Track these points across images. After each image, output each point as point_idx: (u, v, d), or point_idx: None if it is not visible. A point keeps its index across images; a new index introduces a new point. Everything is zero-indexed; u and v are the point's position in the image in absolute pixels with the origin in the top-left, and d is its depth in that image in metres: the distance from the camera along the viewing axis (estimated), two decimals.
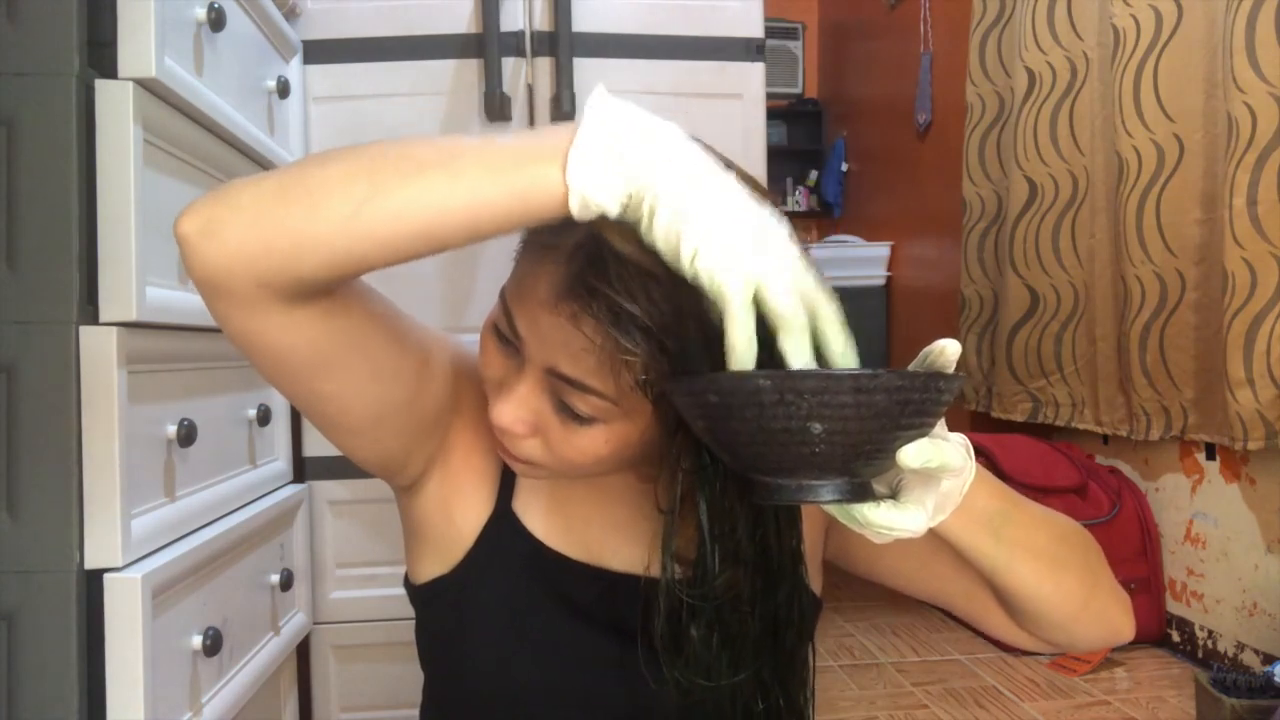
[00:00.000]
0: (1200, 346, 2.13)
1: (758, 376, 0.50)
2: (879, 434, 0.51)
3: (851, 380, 0.49)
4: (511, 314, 0.64)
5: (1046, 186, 2.59)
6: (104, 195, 0.89)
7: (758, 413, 0.50)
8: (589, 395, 0.62)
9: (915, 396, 0.51)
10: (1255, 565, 2.07)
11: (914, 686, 2.06)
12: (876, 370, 0.50)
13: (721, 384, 0.52)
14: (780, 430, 0.51)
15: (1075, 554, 0.69)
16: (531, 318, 0.62)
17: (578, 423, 0.64)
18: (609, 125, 0.53)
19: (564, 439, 0.65)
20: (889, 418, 0.51)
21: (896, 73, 3.86)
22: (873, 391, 0.50)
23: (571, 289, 0.60)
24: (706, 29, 1.62)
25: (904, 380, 0.50)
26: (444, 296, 1.58)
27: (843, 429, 0.50)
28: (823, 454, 0.51)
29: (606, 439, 0.64)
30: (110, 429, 0.87)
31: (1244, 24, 1.87)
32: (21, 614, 0.85)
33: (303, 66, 1.53)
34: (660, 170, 0.52)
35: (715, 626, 0.68)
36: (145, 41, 0.90)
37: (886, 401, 0.50)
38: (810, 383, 0.49)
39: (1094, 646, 0.73)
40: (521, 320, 0.63)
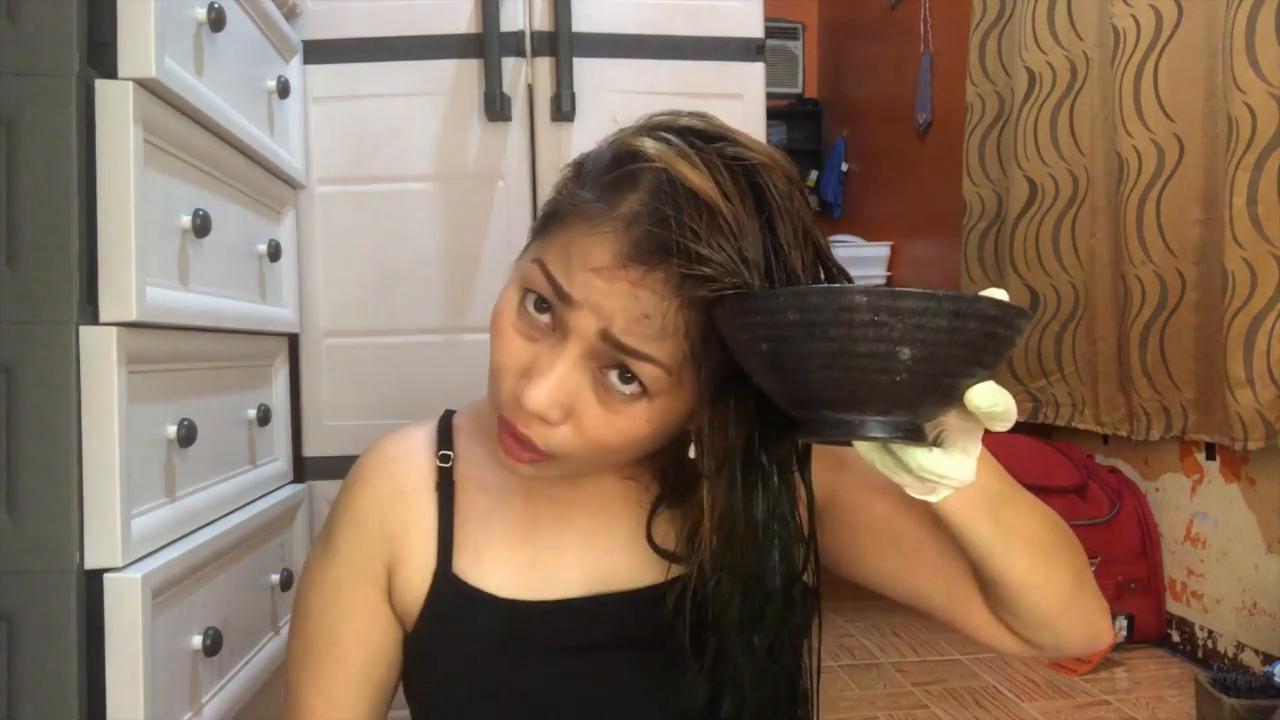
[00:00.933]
0: (1200, 346, 2.13)
1: (852, 291, 0.47)
2: (960, 365, 0.49)
3: (952, 302, 0.46)
4: (556, 278, 0.61)
5: (1046, 186, 2.59)
6: (104, 195, 0.88)
7: (845, 332, 0.47)
8: (644, 363, 0.60)
9: (1001, 330, 0.49)
10: (1255, 565, 2.07)
11: (914, 686, 2.06)
12: (976, 294, 0.47)
13: (809, 299, 0.48)
14: (865, 354, 0.47)
15: (1065, 548, 0.67)
16: (585, 283, 0.60)
17: (621, 400, 0.62)
18: None
19: (603, 421, 0.62)
20: (974, 349, 0.48)
21: (896, 73, 3.86)
22: (969, 317, 0.47)
23: (637, 252, 0.58)
24: (706, 29, 1.62)
25: (998, 310, 0.48)
26: (444, 296, 1.58)
27: (930, 355, 0.47)
28: (903, 384, 0.48)
29: (649, 417, 0.62)
30: (110, 429, 0.87)
31: (1244, 24, 1.87)
32: (21, 614, 0.85)
33: (303, 66, 1.53)
34: None
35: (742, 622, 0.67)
36: (145, 41, 0.90)
37: (978, 330, 0.48)
38: (909, 302, 0.46)
39: (1075, 649, 0.70)
40: (573, 285, 0.60)
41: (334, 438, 1.54)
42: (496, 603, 0.72)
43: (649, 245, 0.58)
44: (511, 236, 1.57)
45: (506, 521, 0.75)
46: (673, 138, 0.62)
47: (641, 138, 0.62)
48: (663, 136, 0.62)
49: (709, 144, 0.61)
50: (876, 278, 3.94)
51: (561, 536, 0.75)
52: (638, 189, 0.60)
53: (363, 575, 0.75)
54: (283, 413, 1.42)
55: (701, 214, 0.57)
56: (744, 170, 0.60)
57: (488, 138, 1.58)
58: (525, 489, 0.75)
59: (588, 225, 0.61)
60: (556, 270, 0.61)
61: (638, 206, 0.59)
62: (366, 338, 1.57)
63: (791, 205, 0.60)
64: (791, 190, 0.61)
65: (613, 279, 0.59)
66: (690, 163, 0.59)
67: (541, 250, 0.64)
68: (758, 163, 0.60)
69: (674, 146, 0.61)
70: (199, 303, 1.07)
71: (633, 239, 0.58)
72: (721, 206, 0.57)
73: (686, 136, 0.62)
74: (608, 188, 0.61)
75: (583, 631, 0.72)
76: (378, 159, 1.57)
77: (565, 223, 0.63)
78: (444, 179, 1.58)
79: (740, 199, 0.59)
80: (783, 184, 0.61)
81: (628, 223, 0.59)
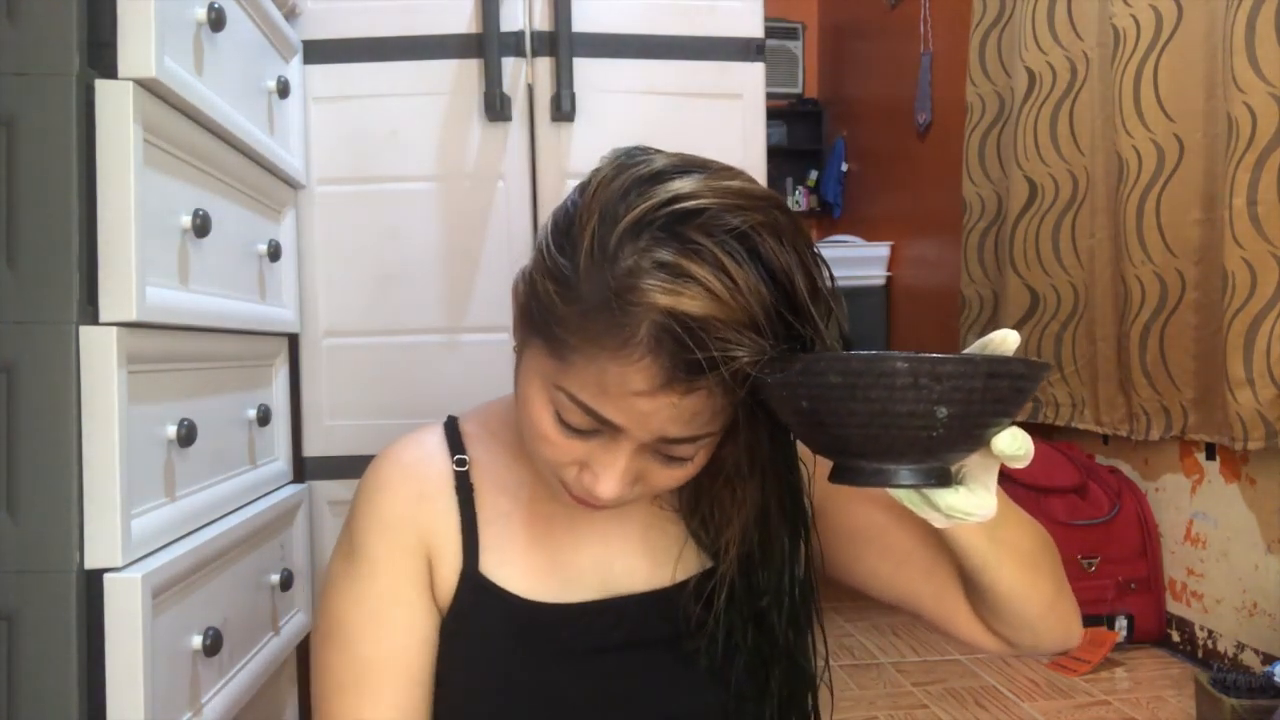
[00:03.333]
0: (1200, 346, 2.13)
1: (894, 359, 0.51)
2: (991, 418, 0.53)
3: (987, 365, 0.51)
4: (597, 411, 0.61)
5: (1046, 186, 2.59)
6: (104, 195, 0.88)
7: (885, 394, 0.51)
8: (700, 441, 0.63)
9: (1027, 385, 0.53)
10: (1255, 565, 2.07)
11: (914, 686, 2.06)
12: (1007, 357, 0.52)
13: (851, 364, 0.52)
14: (904, 414, 0.51)
15: (1047, 557, 0.71)
16: (628, 408, 0.60)
17: (680, 459, 0.65)
18: None
19: (667, 476, 0.66)
20: (1005, 403, 0.52)
21: (896, 73, 3.86)
22: (1002, 377, 0.51)
23: (674, 376, 0.58)
24: (706, 29, 1.62)
25: (1026, 369, 0.52)
26: (444, 296, 1.58)
27: (965, 412, 0.51)
28: (939, 438, 0.52)
29: (699, 461, 0.67)
30: (110, 429, 0.87)
31: (1244, 24, 1.87)
32: (21, 614, 0.85)
33: (303, 66, 1.53)
34: None
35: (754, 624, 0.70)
36: (145, 41, 0.90)
37: (1008, 388, 0.52)
38: (948, 367, 0.50)
39: (1051, 648, 0.74)
40: (616, 413, 0.61)
41: (334, 438, 1.54)
42: (519, 603, 0.73)
43: (683, 368, 0.58)
44: (511, 236, 1.57)
45: (525, 524, 0.76)
46: (660, 254, 0.58)
47: (628, 276, 0.58)
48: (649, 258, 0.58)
49: (694, 224, 0.58)
50: (876, 277, 3.94)
51: (577, 539, 0.76)
52: (644, 323, 0.58)
53: (408, 578, 0.74)
54: (283, 413, 1.42)
55: (716, 328, 0.57)
56: (737, 238, 0.58)
57: (488, 138, 1.58)
58: (541, 494, 0.76)
59: (611, 355, 0.59)
60: (590, 399, 0.61)
61: (658, 333, 0.58)
62: (366, 338, 1.57)
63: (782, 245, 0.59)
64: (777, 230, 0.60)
65: (655, 399, 0.59)
66: (685, 294, 0.57)
67: (564, 378, 0.62)
68: (747, 228, 0.59)
69: (664, 271, 0.57)
70: (199, 303, 1.07)
71: (664, 366, 0.58)
72: (732, 314, 0.57)
73: (671, 230, 0.58)
74: (616, 325, 0.58)
75: (599, 633, 0.73)
76: (378, 159, 1.57)
77: (583, 352, 0.60)
78: (444, 179, 1.58)
79: (745, 276, 0.57)
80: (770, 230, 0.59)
81: (653, 350, 0.58)
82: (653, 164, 0.62)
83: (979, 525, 0.63)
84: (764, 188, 0.63)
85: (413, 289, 1.57)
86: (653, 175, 0.61)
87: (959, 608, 0.74)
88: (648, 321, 0.57)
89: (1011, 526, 0.67)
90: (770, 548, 0.70)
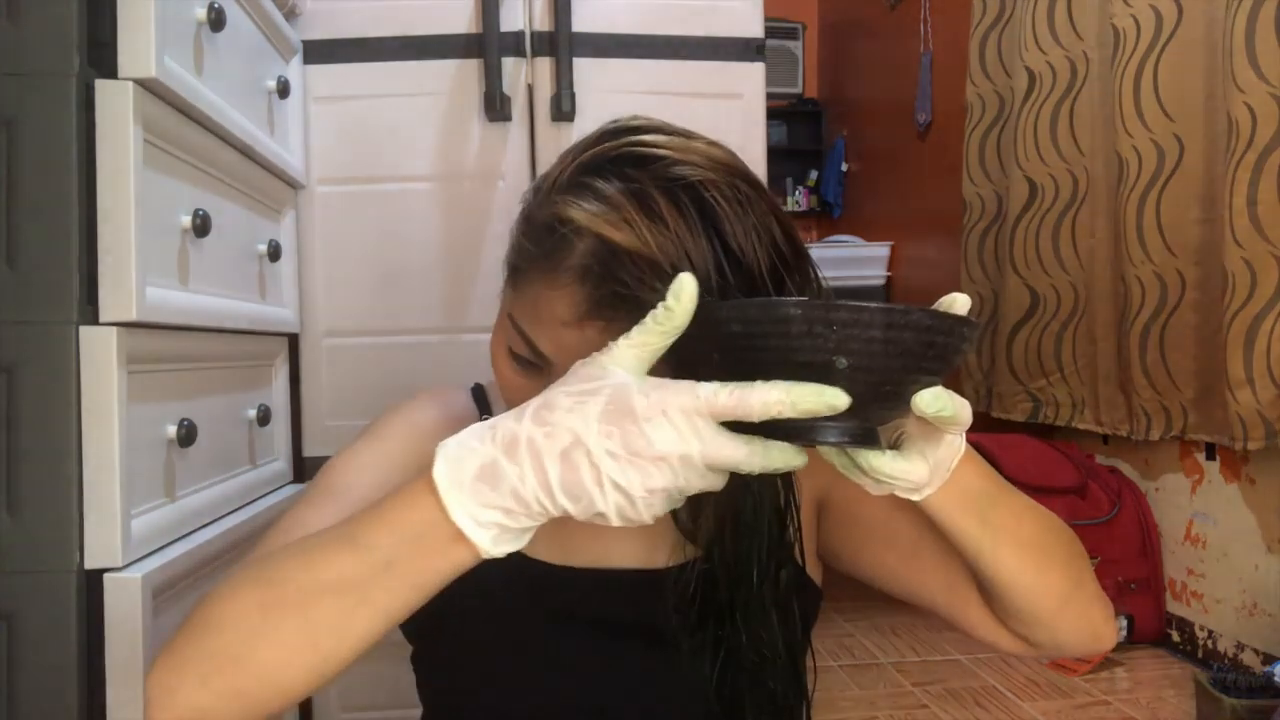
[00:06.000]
0: (1200, 346, 2.13)
1: (788, 305, 0.49)
2: (901, 374, 0.50)
3: (884, 314, 0.49)
4: (531, 339, 0.64)
5: (1046, 186, 2.59)
6: (104, 195, 0.88)
7: (783, 343, 0.49)
8: None
9: (940, 339, 0.50)
10: (1255, 565, 2.07)
11: (914, 686, 2.06)
12: (908, 306, 0.49)
13: (748, 312, 0.50)
14: (803, 364, 0.49)
15: (1060, 548, 0.68)
16: (555, 338, 0.63)
17: None
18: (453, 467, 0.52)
19: None
20: (913, 357, 0.50)
21: (896, 73, 3.86)
22: (903, 328, 0.49)
23: (595, 307, 0.60)
24: (706, 29, 1.62)
25: (933, 320, 0.50)
26: (444, 296, 1.58)
27: (868, 365, 0.49)
28: (849, 393, 0.50)
29: None
30: (110, 429, 0.87)
31: (1244, 24, 1.87)
32: (21, 614, 0.85)
33: (303, 66, 1.53)
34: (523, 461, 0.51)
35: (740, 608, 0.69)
36: (145, 41, 0.90)
37: (914, 340, 0.49)
38: (842, 314, 0.48)
39: (1077, 650, 0.71)
40: (545, 342, 0.63)
41: (334, 438, 1.54)
42: (526, 561, 0.73)
43: (603, 301, 0.60)
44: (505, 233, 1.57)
45: None
46: (601, 184, 0.61)
47: (568, 201, 0.62)
48: (590, 189, 0.61)
49: (644, 168, 0.61)
50: (876, 277, 3.94)
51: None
52: (576, 250, 0.61)
53: (412, 458, 0.74)
54: (283, 413, 1.42)
55: (639, 264, 0.58)
56: (683, 187, 0.60)
57: (488, 138, 1.58)
58: None
59: (546, 280, 0.62)
60: (528, 327, 0.64)
61: (584, 261, 0.60)
62: (366, 338, 1.57)
63: (741, 210, 0.60)
64: (734, 189, 0.61)
65: (579, 331, 0.61)
66: (614, 222, 0.59)
67: (513, 305, 0.66)
68: (695, 180, 0.60)
69: (600, 201, 0.60)
70: (199, 303, 1.07)
71: (587, 294, 0.60)
72: (662, 249, 0.58)
73: (620, 169, 0.61)
74: (552, 248, 0.62)
75: (595, 602, 0.73)
76: (378, 159, 1.57)
77: (527, 276, 0.65)
78: (444, 179, 1.58)
79: (682, 226, 0.59)
80: (727, 191, 0.61)
81: (579, 277, 0.60)
82: (632, 121, 0.65)
83: (968, 507, 0.62)
84: (737, 159, 0.64)
85: (413, 289, 1.57)
86: (626, 129, 0.65)
87: (970, 603, 0.72)
88: (579, 249, 0.60)
89: (1009, 512, 0.65)
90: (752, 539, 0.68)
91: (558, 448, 0.49)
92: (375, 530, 0.54)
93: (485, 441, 0.51)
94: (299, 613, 0.54)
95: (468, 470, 0.51)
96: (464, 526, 0.51)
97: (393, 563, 0.53)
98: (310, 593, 0.54)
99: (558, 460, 0.49)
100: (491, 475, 0.50)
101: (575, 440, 0.49)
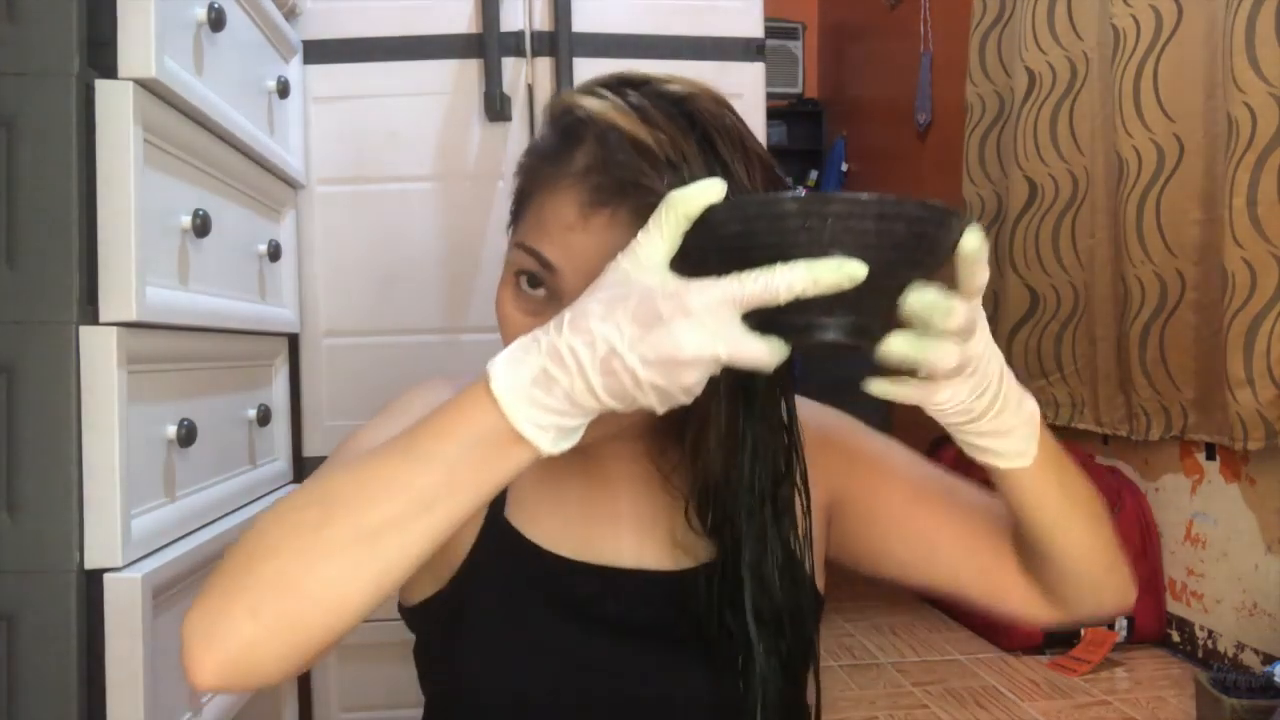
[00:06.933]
0: (1200, 346, 2.13)
1: (784, 199, 0.50)
2: (894, 266, 0.51)
3: (876, 205, 0.49)
4: (539, 251, 0.64)
5: (1046, 186, 2.59)
6: (104, 195, 0.89)
7: (779, 239, 0.50)
8: None
9: (931, 230, 0.51)
10: (1255, 565, 2.07)
11: (914, 686, 2.06)
12: (901, 197, 0.50)
13: (747, 209, 0.51)
14: (800, 259, 0.50)
15: (1105, 509, 0.69)
16: (563, 245, 0.63)
17: None
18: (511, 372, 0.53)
19: None
20: (906, 249, 0.51)
21: (896, 73, 3.86)
22: (895, 219, 0.50)
23: (599, 196, 0.61)
24: (706, 29, 1.62)
25: (925, 211, 0.51)
26: (444, 296, 1.58)
27: (861, 258, 0.49)
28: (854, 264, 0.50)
29: None
30: (110, 429, 0.87)
31: (1244, 24, 1.87)
32: (21, 614, 0.85)
33: (303, 66, 1.53)
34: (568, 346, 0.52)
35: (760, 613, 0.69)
36: (145, 41, 0.90)
37: (906, 231, 0.50)
38: (835, 206, 0.49)
39: (1113, 608, 0.72)
40: (552, 251, 0.64)
41: (334, 438, 1.54)
42: (541, 554, 0.73)
43: (608, 188, 0.61)
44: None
45: (548, 484, 0.76)
46: (603, 90, 0.65)
47: (575, 96, 0.66)
48: (594, 91, 0.65)
49: (636, 88, 0.65)
50: None
51: (593, 507, 0.76)
52: (583, 142, 0.63)
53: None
54: (283, 413, 1.42)
55: (645, 154, 0.60)
56: (672, 101, 0.64)
57: (488, 138, 1.58)
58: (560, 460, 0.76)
59: (550, 188, 0.64)
60: (534, 241, 0.65)
61: (588, 159, 0.63)
62: (366, 338, 1.57)
63: (723, 123, 0.64)
64: (720, 110, 0.65)
65: (586, 229, 0.62)
66: (622, 111, 0.62)
67: (519, 233, 0.68)
68: (684, 94, 0.64)
69: (605, 99, 0.64)
70: (199, 303, 1.07)
71: (592, 186, 0.62)
72: (659, 143, 0.61)
73: (615, 86, 0.65)
74: (557, 149, 0.65)
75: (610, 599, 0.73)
76: (378, 159, 1.57)
77: (531, 197, 0.67)
78: (444, 179, 1.58)
79: (674, 129, 0.62)
80: (711, 105, 0.65)
81: (583, 174, 0.62)
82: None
83: (1052, 472, 0.63)
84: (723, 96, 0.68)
85: (413, 289, 1.57)
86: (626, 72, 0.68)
87: (1010, 581, 0.72)
88: (585, 142, 0.63)
89: (1074, 475, 0.66)
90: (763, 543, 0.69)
91: (597, 357, 0.51)
92: (435, 440, 0.55)
93: (532, 352, 0.53)
94: (359, 527, 0.53)
95: (523, 377, 0.53)
96: (524, 430, 0.53)
97: (455, 469, 0.54)
98: (371, 504, 0.53)
99: (599, 370, 0.51)
100: (545, 382, 0.52)
101: (610, 350, 0.51)
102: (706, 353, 0.50)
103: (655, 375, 0.51)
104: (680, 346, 0.50)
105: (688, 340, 0.50)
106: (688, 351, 0.50)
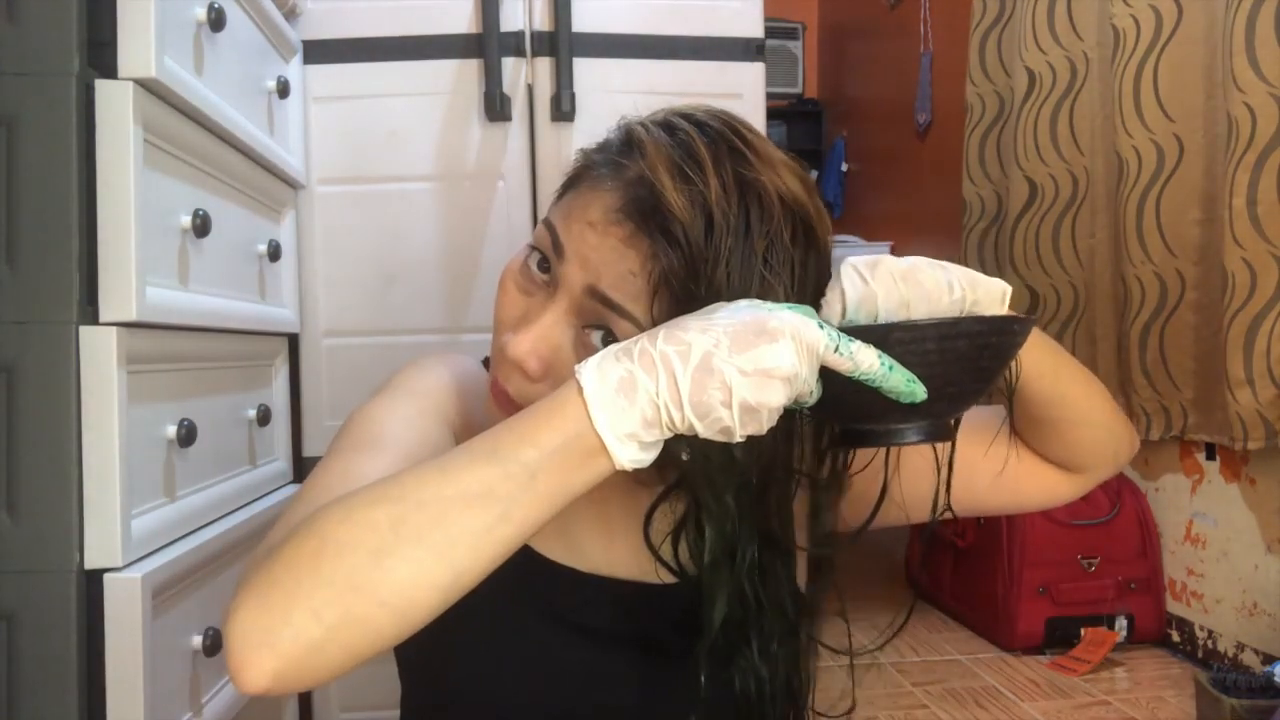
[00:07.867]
0: (1200, 346, 2.13)
1: (854, 329, 0.54)
2: (960, 376, 0.56)
3: (934, 329, 0.54)
4: (557, 231, 0.65)
5: (1046, 186, 2.59)
6: (104, 195, 0.89)
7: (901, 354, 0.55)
8: (625, 321, 0.62)
9: (993, 340, 0.56)
10: (1255, 565, 2.07)
11: (914, 686, 2.06)
12: (957, 318, 0.56)
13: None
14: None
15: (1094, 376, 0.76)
16: (579, 235, 0.63)
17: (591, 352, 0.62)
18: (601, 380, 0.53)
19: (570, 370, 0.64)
20: (969, 360, 0.55)
21: (896, 73, 3.86)
22: (955, 338, 0.54)
23: (626, 211, 0.61)
24: (706, 29, 1.62)
25: (982, 325, 0.56)
26: (444, 296, 1.58)
27: (928, 375, 0.54)
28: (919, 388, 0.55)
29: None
30: (110, 429, 0.87)
31: (1244, 24, 1.87)
32: (21, 614, 0.85)
33: (303, 66, 1.53)
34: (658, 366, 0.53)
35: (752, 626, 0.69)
36: (145, 41, 0.90)
37: (968, 346, 0.55)
38: (899, 334, 0.54)
39: (1125, 458, 0.79)
40: (568, 237, 0.64)
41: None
42: (533, 557, 0.73)
43: (643, 206, 0.61)
44: (512, 236, 1.57)
45: None
46: (681, 126, 0.64)
47: (647, 129, 0.65)
48: (671, 126, 0.65)
49: (716, 144, 0.63)
50: None
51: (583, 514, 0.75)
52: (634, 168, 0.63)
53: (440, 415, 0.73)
54: (283, 413, 1.42)
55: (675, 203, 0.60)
56: (737, 183, 0.61)
57: (488, 138, 1.58)
58: None
59: (593, 182, 0.65)
60: (557, 222, 0.65)
61: (636, 182, 0.62)
62: (366, 338, 1.57)
63: (781, 240, 0.61)
64: (780, 227, 0.62)
65: (605, 233, 0.62)
66: (672, 175, 0.61)
67: (551, 211, 0.68)
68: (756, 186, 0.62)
69: (673, 146, 0.63)
70: (199, 303, 1.07)
71: (629, 197, 0.62)
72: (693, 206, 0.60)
73: (698, 128, 0.64)
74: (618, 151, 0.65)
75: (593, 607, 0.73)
76: (378, 159, 1.57)
77: (577, 184, 0.67)
78: (444, 179, 1.58)
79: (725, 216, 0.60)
80: (776, 211, 0.62)
81: (622, 189, 0.62)
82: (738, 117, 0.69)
83: (1039, 342, 0.68)
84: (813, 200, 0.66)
85: (413, 289, 1.57)
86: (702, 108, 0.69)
87: (1030, 469, 0.77)
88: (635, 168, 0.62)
89: (1056, 343, 0.72)
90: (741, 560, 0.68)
91: (690, 364, 0.52)
92: (519, 444, 0.54)
93: (622, 359, 0.53)
94: (438, 527, 0.51)
95: (610, 383, 0.53)
96: (605, 439, 0.52)
97: (536, 475, 0.53)
98: (451, 506, 0.52)
99: (689, 376, 0.52)
100: (629, 387, 0.52)
101: (705, 358, 0.52)
102: (797, 371, 0.52)
103: (748, 389, 0.51)
104: (780, 361, 0.52)
105: (786, 356, 0.52)
106: (786, 367, 0.52)
